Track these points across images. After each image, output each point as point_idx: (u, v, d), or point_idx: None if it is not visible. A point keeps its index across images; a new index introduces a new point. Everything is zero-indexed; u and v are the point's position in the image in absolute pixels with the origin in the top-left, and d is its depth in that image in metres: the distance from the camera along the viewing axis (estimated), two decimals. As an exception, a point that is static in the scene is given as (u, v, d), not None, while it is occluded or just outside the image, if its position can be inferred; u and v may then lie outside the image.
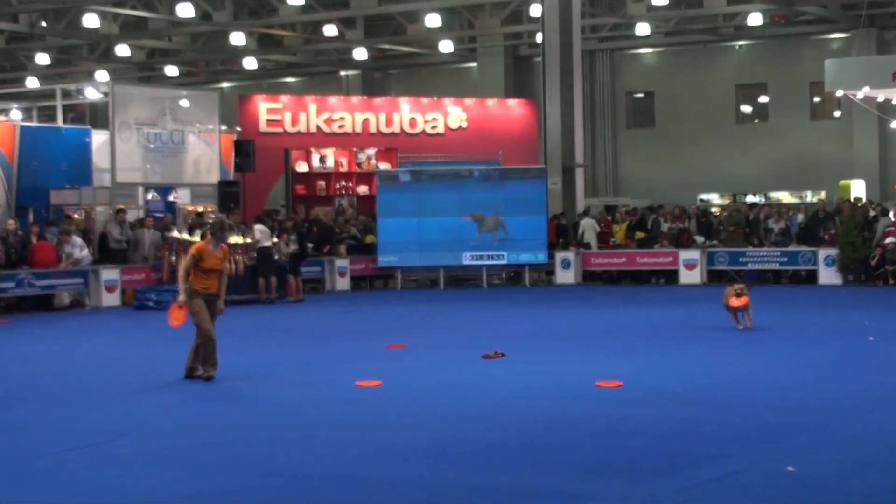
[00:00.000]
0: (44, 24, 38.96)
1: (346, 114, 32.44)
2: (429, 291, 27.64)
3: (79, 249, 23.64)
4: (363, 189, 31.28)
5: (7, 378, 14.07)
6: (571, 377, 12.92)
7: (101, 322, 21.54)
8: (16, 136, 25.70)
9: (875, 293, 24.38)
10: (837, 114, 38.96)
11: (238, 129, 30.93)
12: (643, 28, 37.38)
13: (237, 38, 38.42)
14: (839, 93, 29.02)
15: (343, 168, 31.48)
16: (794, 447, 9.13)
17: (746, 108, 41.32)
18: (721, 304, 17.49)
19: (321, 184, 31.27)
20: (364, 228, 29.17)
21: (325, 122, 32.16)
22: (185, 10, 34.62)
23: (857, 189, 35.56)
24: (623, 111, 42.42)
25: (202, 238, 17.60)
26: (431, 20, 36.38)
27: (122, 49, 41.13)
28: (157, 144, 26.64)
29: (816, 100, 39.41)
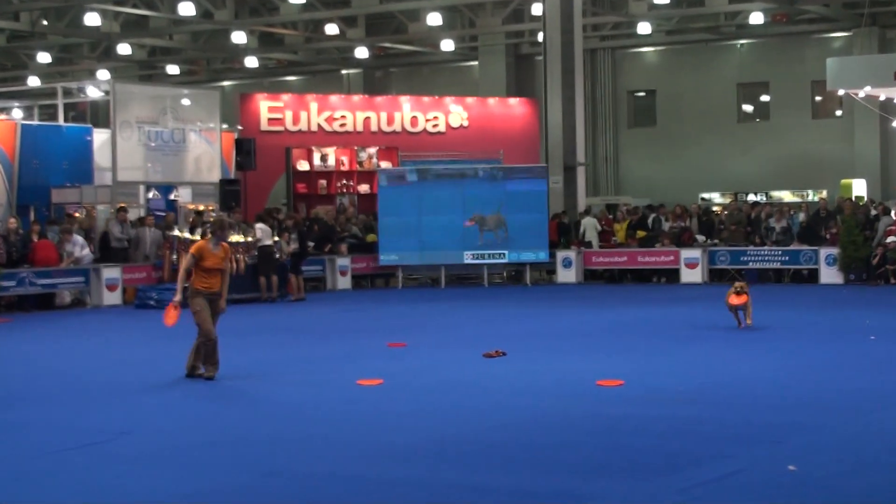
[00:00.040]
0: (45, 23, 38.96)
1: (348, 112, 32.43)
2: (430, 290, 27.62)
3: (80, 248, 23.64)
4: (364, 188, 31.27)
5: (7, 377, 14.07)
6: (572, 376, 12.91)
7: (102, 321, 21.54)
8: (17, 135, 25.73)
9: (876, 292, 24.37)
10: (839, 113, 38.95)
11: (239, 128, 30.94)
12: (644, 27, 37.39)
13: (238, 37, 38.43)
14: (841, 92, 29.03)
15: (344, 167, 31.46)
16: (795, 447, 9.13)
17: (748, 107, 41.29)
18: (723, 304, 17.50)
19: (322, 182, 31.25)
20: (365, 227, 29.16)
21: (327, 121, 32.15)
22: (187, 9, 34.59)
23: (859, 188, 35.53)
24: (624, 110, 42.38)
25: (203, 237, 17.61)
26: (433, 19, 36.37)
27: (124, 47, 41.16)
28: (159, 143, 26.62)
29: (818, 99, 39.39)
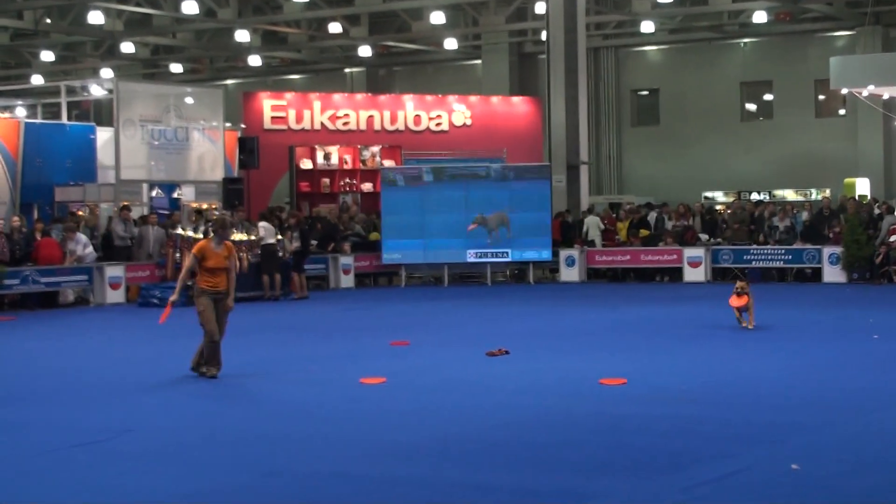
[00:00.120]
0: (48, 21, 38.99)
1: (351, 111, 32.41)
2: (433, 289, 27.61)
3: (83, 246, 23.64)
4: (367, 186, 31.24)
5: (10, 375, 14.07)
6: (575, 375, 12.90)
7: (105, 319, 21.54)
8: (20, 133, 25.74)
9: (879, 291, 24.34)
10: (842, 111, 38.95)
11: (242, 126, 30.93)
12: (648, 25, 37.38)
13: (242, 35, 38.46)
14: (844, 90, 29.05)
15: (347, 165, 31.42)
16: (797, 446, 9.12)
17: (751, 106, 41.27)
18: (726, 303, 17.47)
19: (325, 181, 31.22)
20: (368, 225, 29.15)
21: (330, 120, 32.12)
22: (190, 7, 34.60)
23: (862, 187, 35.51)
24: (628, 108, 42.38)
25: (205, 236, 17.61)
26: (436, 17, 36.39)
27: (127, 46, 41.21)
28: (162, 141, 26.62)
29: (821, 97, 39.38)
